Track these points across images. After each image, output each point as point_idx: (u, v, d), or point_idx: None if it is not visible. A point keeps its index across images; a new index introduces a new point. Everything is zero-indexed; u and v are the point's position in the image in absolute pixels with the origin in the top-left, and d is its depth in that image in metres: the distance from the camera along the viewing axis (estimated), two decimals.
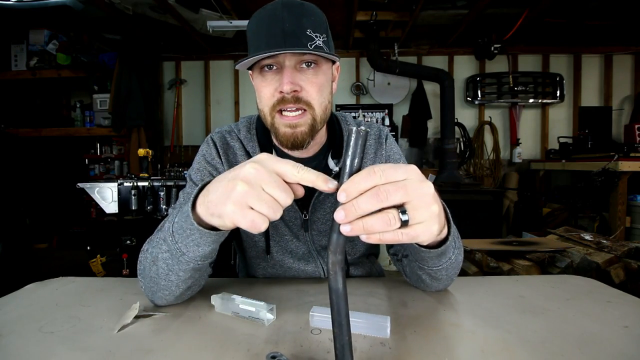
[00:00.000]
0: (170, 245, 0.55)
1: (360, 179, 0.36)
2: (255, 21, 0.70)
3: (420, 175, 0.39)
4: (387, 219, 0.36)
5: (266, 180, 0.41)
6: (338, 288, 0.38)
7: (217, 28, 3.23)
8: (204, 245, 0.53)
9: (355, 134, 0.35)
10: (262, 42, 0.67)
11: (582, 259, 1.74)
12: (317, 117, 0.72)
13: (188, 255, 0.55)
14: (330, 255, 0.38)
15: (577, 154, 3.40)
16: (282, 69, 0.68)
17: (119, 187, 2.46)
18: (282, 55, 0.67)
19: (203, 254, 0.55)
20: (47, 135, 3.84)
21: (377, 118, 4.09)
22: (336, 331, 0.39)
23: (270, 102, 0.70)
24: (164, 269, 0.58)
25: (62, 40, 3.67)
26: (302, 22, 0.66)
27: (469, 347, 0.51)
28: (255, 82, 0.73)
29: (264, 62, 0.69)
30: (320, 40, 0.67)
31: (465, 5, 3.13)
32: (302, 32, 0.66)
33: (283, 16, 0.66)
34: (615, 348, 0.50)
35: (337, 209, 0.36)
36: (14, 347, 0.51)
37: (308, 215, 0.82)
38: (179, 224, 0.53)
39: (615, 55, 3.95)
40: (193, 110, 4.29)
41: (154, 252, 0.60)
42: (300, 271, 0.84)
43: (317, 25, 0.68)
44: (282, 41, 0.65)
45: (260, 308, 0.58)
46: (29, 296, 0.71)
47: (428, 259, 0.60)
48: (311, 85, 0.69)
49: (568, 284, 0.78)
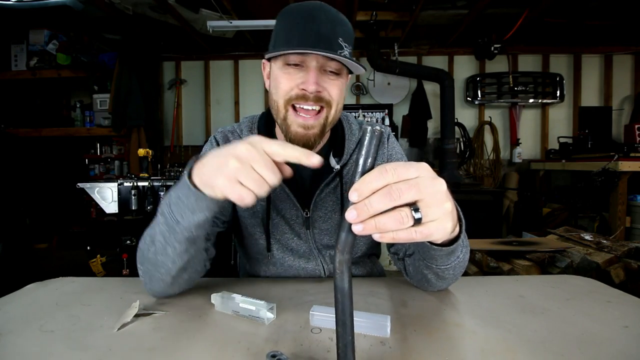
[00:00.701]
0: (166, 216, 0.58)
1: (372, 178, 0.36)
2: (290, 16, 0.71)
3: (432, 173, 0.39)
4: (399, 217, 0.36)
5: (256, 159, 0.45)
6: (344, 287, 0.38)
7: (217, 28, 3.23)
8: (199, 212, 0.55)
9: (370, 133, 0.35)
10: (295, 38, 0.68)
11: (582, 259, 1.74)
12: (330, 117, 0.74)
13: (183, 223, 0.57)
14: (338, 254, 0.38)
15: (577, 154, 3.39)
16: (307, 68, 0.70)
17: (119, 187, 2.46)
18: (311, 56, 0.68)
19: (197, 222, 0.57)
20: (47, 135, 3.84)
21: (377, 118, 4.09)
22: (339, 330, 0.39)
23: (287, 95, 0.71)
24: (161, 242, 0.61)
25: (62, 40, 3.67)
26: (336, 29, 0.69)
27: (469, 346, 0.51)
28: (275, 72, 0.73)
29: (290, 58, 0.70)
30: (347, 51, 0.70)
31: (465, 5, 3.13)
32: (334, 38, 0.68)
33: (320, 19, 0.68)
34: (615, 348, 0.50)
35: (349, 208, 0.36)
36: (15, 345, 0.51)
37: (310, 213, 0.82)
38: (175, 194, 0.57)
39: (615, 55, 3.95)
40: (193, 110, 4.29)
41: (151, 231, 0.63)
42: (300, 269, 0.84)
43: (347, 35, 0.71)
44: (316, 42, 0.66)
45: (260, 307, 0.58)
46: (29, 296, 0.71)
47: (438, 257, 0.60)
48: (333, 87, 0.72)
49: (568, 284, 0.78)
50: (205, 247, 0.69)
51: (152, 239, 0.63)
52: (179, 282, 0.66)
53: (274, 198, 0.82)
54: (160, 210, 0.61)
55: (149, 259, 0.64)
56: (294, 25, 0.69)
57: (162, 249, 0.61)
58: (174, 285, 0.66)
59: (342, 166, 0.82)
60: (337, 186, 0.83)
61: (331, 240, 0.85)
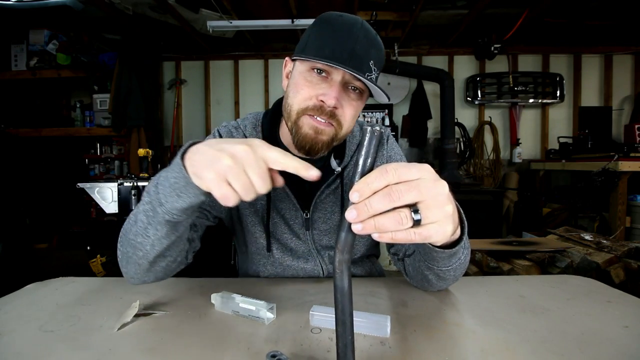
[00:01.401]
0: (152, 196, 0.57)
1: (372, 178, 0.36)
2: (329, 25, 0.69)
3: (434, 174, 0.39)
4: (398, 218, 0.36)
5: (251, 163, 0.44)
6: (343, 287, 0.38)
7: (217, 28, 3.24)
8: (185, 197, 0.53)
9: (370, 133, 0.35)
10: (328, 49, 0.66)
11: (582, 259, 1.74)
12: (339, 136, 0.73)
13: (166, 206, 0.55)
14: (338, 253, 0.38)
15: (577, 154, 3.39)
16: (332, 81, 0.69)
17: (119, 187, 2.46)
18: (340, 70, 0.67)
19: (181, 207, 0.55)
20: (47, 135, 3.83)
21: (377, 118, 4.09)
22: (339, 330, 0.39)
23: (305, 103, 0.70)
24: (143, 222, 0.60)
25: (62, 40, 3.67)
26: (371, 51, 0.68)
27: (469, 346, 0.51)
28: (297, 75, 0.72)
29: (317, 65, 0.69)
30: (375, 75, 0.69)
31: (465, 5, 3.13)
32: (366, 60, 0.67)
33: (358, 36, 0.67)
34: (615, 348, 0.50)
35: (349, 207, 0.36)
36: (15, 345, 0.51)
37: (309, 214, 0.82)
38: (165, 174, 0.55)
39: (615, 55, 3.95)
40: (193, 110, 4.29)
41: (136, 211, 0.62)
42: (299, 269, 0.84)
43: (379, 60, 0.70)
44: (348, 59, 0.65)
45: (260, 307, 0.58)
46: (29, 296, 0.71)
47: (439, 259, 0.59)
48: (350, 108, 0.71)
49: (568, 284, 0.78)
50: (189, 236, 0.68)
51: (136, 218, 0.62)
52: (155, 270, 0.66)
53: (274, 198, 0.82)
54: (147, 189, 0.59)
55: (129, 240, 0.63)
56: (331, 35, 0.68)
57: (143, 230, 0.60)
58: (150, 272, 0.66)
59: (342, 168, 0.82)
60: (337, 187, 0.83)
61: (330, 241, 0.85)
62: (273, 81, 4.19)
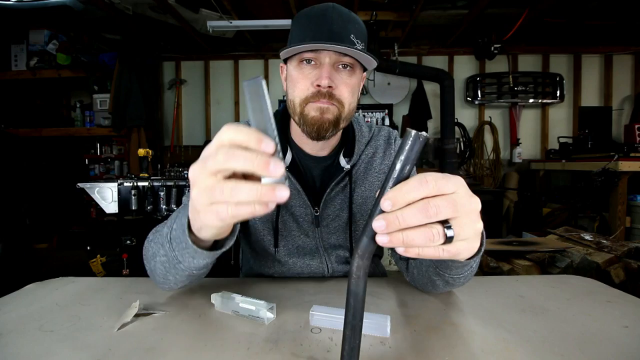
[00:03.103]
0: (167, 252, 0.56)
1: (410, 187, 0.33)
2: (304, 18, 0.74)
3: (467, 189, 0.37)
4: (430, 235, 0.34)
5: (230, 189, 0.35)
6: (358, 292, 0.37)
7: (217, 28, 3.24)
8: (199, 259, 0.53)
9: (414, 137, 0.32)
10: (309, 37, 0.71)
11: (582, 259, 1.74)
12: (343, 114, 0.75)
13: (184, 264, 0.55)
14: (357, 258, 0.36)
15: (577, 154, 3.39)
16: (321, 65, 0.72)
17: (119, 187, 2.46)
18: (325, 52, 0.71)
19: (198, 266, 0.55)
20: (47, 135, 3.84)
21: (377, 118, 4.09)
22: (348, 333, 0.38)
23: (304, 94, 0.74)
24: (161, 270, 0.60)
25: (62, 40, 3.67)
26: (348, 27, 0.72)
27: (469, 346, 0.51)
28: (292, 72, 0.76)
29: (304, 55, 0.73)
30: (360, 47, 0.72)
31: (465, 5, 3.13)
32: (347, 35, 0.71)
33: (332, 17, 0.71)
34: (615, 348, 0.50)
35: (377, 216, 0.33)
36: (14, 345, 0.51)
37: (319, 211, 0.82)
38: (176, 233, 0.53)
39: (615, 55, 3.95)
40: (193, 110, 4.29)
41: (154, 249, 0.62)
42: (305, 266, 0.85)
43: (360, 33, 0.73)
44: (328, 39, 0.69)
45: (260, 307, 0.58)
46: (29, 296, 0.71)
47: (453, 267, 0.58)
48: (345, 86, 0.74)
49: (568, 284, 0.78)
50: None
51: (154, 258, 0.61)
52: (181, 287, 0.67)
53: None
54: (161, 242, 0.57)
55: (152, 270, 0.64)
56: (309, 25, 0.72)
57: (163, 275, 0.61)
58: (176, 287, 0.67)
59: (352, 166, 0.83)
60: (346, 185, 0.83)
61: (338, 240, 0.85)
62: (273, 81, 4.19)
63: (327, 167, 0.85)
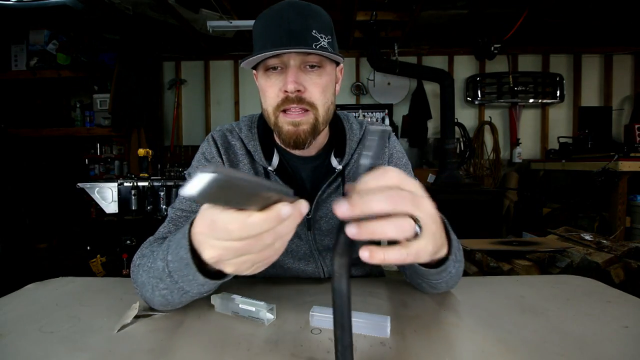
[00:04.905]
0: (169, 285, 0.52)
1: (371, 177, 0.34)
2: (262, 21, 0.70)
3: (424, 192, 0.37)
4: (400, 225, 0.33)
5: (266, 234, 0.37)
6: (342, 290, 0.37)
7: (217, 28, 3.23)
8: (209, 286, 0.50)
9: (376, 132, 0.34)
10: (268, 42, 0.67)
11: (582, 259, 1.74)
12: (320, 118, 0.72)
13: (192, 292, 0.51)
14: (337, 257, 0.36)
15: (577, 154, 3.39)
16: (287, 69, 0.69)
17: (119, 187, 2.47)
18: (287, 56, 0.67)
19: (209, 290, 0.53)
20: (47, 135, 3.83)
21: (377, 118, 4.09)
22: (338, 333, 0.38)
23: (274, 102, 0.71)
24: (162, 301, 0.56)
25: (62, 40, 3.66)
26: (308, 22, 0.67)
27: (469, 347, 0.51)
28: (260, 82, 0.74)
29: (269, 62, 0.69)
30: (325, 41, 0.68)
31: (465, 5, 3.12)
32: (307, 32, 0.66)
33: (289, 16, 0.66)
34: (615, 348, 0.50)
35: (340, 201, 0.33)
36: (14, 346, 0.51)
37: (311, 214, 0.81)
38: (176, 266, 0.48)
39: (615, 55, 3.95)
40: (193, 110, 4.29)
41: (150, 282, 0.55)
42: (300, 271, 0.84)
43: (322, 26, 0.69)
44: (287, 41, 0.65)
45: (260, 308, 0.58)
46: (29, 296, 0.71)
47: (428, 274, 0.58)
48: (315, 87, 0.70)
49: (568, 284, 0.78)
50: None
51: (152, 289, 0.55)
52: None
53: None
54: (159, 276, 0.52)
55: (146, 297, 0.59)
56: (266, 28, 0.68)
57: (164, 304, 0.57)
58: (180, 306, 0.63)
59: (343, 166, 0.81)
60: (338, 186, 0.82)
61: (332, 241, 0.84)
62: None
63: (317, 167, 0.83)
